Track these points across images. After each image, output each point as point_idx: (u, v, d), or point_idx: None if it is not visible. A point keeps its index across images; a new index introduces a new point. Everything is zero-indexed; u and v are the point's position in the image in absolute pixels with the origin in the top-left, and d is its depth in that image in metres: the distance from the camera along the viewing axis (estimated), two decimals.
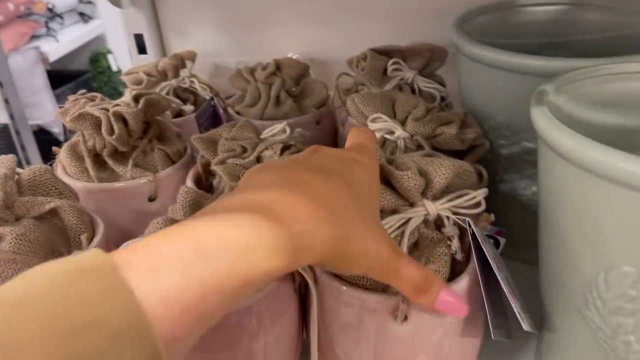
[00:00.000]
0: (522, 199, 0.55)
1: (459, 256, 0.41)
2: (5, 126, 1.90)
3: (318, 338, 0.42)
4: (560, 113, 0.41)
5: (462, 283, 0.39)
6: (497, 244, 0.52)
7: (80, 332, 0.19)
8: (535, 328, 0.40)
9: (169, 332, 0.22)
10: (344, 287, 0.39)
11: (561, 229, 0.37)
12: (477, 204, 0.40)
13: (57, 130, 2.05)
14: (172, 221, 0.39)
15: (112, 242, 0.47)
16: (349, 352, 0.42)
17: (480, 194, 0.40)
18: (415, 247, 0.41)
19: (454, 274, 0.41)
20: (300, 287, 0.44)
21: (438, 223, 0.41)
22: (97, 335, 0.20)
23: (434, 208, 0.40)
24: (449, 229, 0.41)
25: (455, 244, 0.41)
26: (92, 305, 0.20)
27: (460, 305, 0.35)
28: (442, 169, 0.39)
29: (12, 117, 1.87)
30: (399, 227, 0.39)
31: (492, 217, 0.43)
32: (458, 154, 0.52)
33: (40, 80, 1.98)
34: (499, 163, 0.55)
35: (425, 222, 0.40)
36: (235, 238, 0.24)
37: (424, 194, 0.40)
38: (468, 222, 0.40)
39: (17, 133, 1.92)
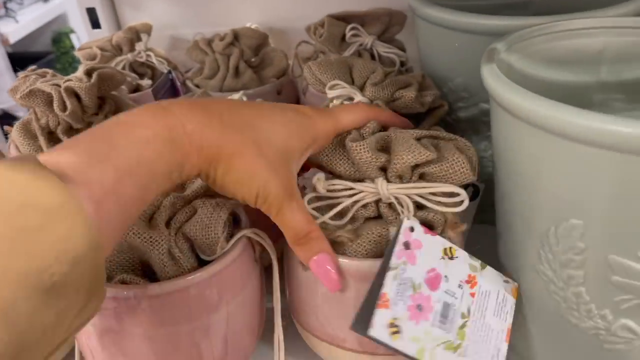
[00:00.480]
0: (483, 161, 0.56)
1: None
2: None
3: (291, 304, 0.42)
4: (512, 71, 0.41)
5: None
6: (477, 192, 0.52)
7: (17, 211, 0.22)
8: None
9: (94, 211, 0.25)
10: (355, 262, 0.38)
11: (514, 186, 0.37)
12: (459, 203, 0.37)
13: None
14: None
15: None
16: (320, 316, 0.42)
17: (441, 187, 0.37)
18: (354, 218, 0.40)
19: None
20: (262, 257, 0.43)
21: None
22: (32, 213, 0.22)
23: (385, 189, 0.38)
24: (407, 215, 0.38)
25: (392, 230, 0.38)
26: (23, 189, 0.23)
27: (331, 278, 0.36)
28: (403, 154, 0.37)
29: None
30: (351, 196, 0.38)
31: (463, 227, 0.40)
32: (417, 117, 0.52)
33: (1, 63, 1.92)
34: (458, 126, 0.55)
35: (389, 203, 0.39)
36: (139, 131, 0.29)
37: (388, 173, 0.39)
38: (402, 219, 0.36)
39: None
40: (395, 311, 0.32)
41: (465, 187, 0.52)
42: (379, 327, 0.32)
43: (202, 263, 0.39)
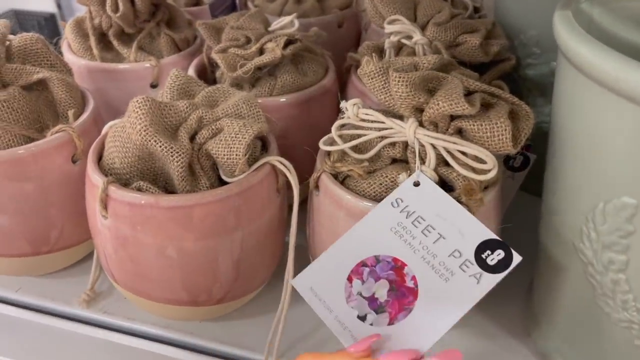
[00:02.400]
0: (544, 126, 0.51)
1: None
2: (52, 15, 1.90)
3: (310, 245, 0.41)
4: (592, 26, 0.37)
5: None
6: (526, 161, 0.48)
7: None
8: None
9: None
10: (348, 195, 0.36)
11: (568, 152, 0.33)
12: (486, 171, 0.33)
13: None
14: (153, 101, 0.37)
15: (105, 122, 0.45)
16: None
17: (471, 147, 0.33)
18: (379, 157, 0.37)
19: None
20: (282, 188, 0.41)
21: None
22: None
23: (412, 131, 0.34)
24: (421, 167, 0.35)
25: (402, 177, 0.35)
26: None
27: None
28: (440, 100, 0.33)
29: (59, 6, 1.87)
30: (379, 130, 0.35)
31: (481, 197, 0.34)
32: (481, 68, 0.47)
33: None
34: (524, 84, 0.51)
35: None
36: None
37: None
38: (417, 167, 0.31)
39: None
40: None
41: (516, 154, 0.47)
42: None
43: (223, 185, 0.38)
